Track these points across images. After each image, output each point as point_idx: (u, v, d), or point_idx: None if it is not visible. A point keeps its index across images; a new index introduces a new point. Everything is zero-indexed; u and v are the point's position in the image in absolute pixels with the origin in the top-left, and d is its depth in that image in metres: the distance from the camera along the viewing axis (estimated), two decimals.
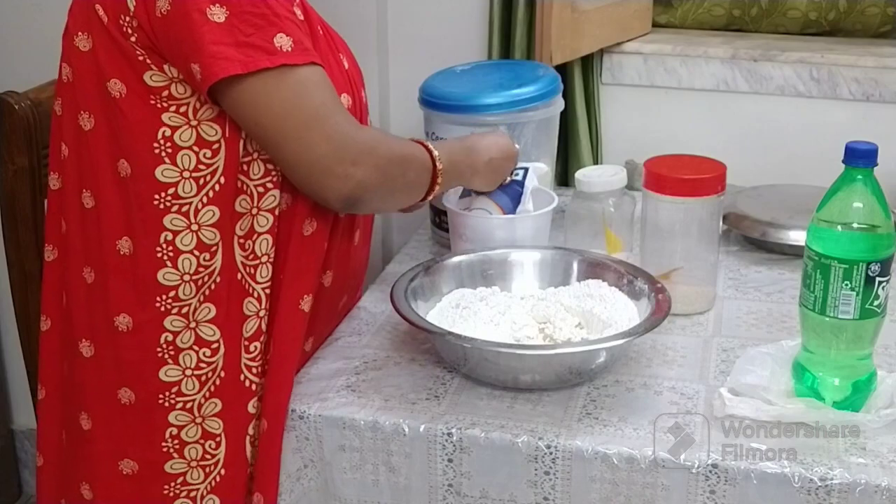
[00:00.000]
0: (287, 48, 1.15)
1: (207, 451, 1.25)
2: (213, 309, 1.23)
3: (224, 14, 1.12)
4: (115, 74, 1.18)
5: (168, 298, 1.21)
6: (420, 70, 1.71)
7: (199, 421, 1.24)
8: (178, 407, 1.24)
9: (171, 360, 1.23)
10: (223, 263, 1.22)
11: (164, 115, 1.18)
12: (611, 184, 1.46)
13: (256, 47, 1.13)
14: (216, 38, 1.12)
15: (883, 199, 1.10)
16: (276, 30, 1.15)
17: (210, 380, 1.24)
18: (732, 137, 1.86)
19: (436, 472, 1.17)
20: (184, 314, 1.22)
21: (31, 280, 1.42)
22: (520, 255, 1.41)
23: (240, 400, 1.25)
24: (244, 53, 1.13)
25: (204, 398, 1.24)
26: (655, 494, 1.12)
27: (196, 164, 1.19)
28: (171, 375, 1.23)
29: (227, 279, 1.23)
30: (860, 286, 1.10)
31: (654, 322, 1.22)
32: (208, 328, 1.23)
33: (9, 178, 1.38)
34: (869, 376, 1.15)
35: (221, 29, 1.12)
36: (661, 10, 2.01)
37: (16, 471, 2.36)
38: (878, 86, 1.81)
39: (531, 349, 1.24)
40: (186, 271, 1.21)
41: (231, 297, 1.23)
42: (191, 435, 1.24)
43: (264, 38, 1.14)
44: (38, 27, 2.01)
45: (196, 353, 1.23)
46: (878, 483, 1.06)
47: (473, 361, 1.23)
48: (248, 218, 1.22)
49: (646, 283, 1.31)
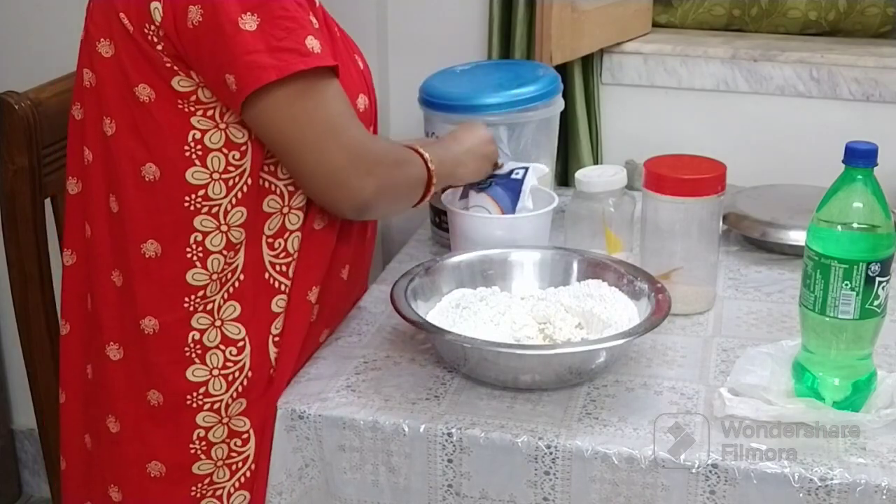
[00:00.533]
0: (318, 50, 1.16)
1: (234, 448, 1.26)
2: (237, 307, 1.24)
3: (256, 21, 1.12)
4: (143, 80, 1.18)
5: (196, 298, 1.23)
6: (420, 70, 1.71)
7: (225, 421, 1.25)
8: (206, 408, 1.24)
9: (198, 360, 1.24)
10: (246, 261, 1.24)
11: (193, 119, 1.18)
12: (611, 184, 1.46)
13: (290, 50, 1.14)
14: (250, 48, 1.13)
15: (883, 199, 1.10)
16: (305, 32, 1.16)
17: (237, 379, 1.25)
18: (732, 137, 1.86)
19: (436, 472, 1.17)
20: (209, 311, 1.23)
21: (31, 280, 1.42)
22: (520, 255, 1.41)
23: (265, 397, 1.26)
24: (278, 58, 1.13)
25: (231, 398, 1.25)
26: (655, 494, 1.12)
27: (225, 165, 1.20)
28: (198, 376, 1.24)
29: (251, 277, 1.24)
30: (860, 286, 1.10)
31: (654, 322, 1.22)
32: (234, 326, 1.24)
33: (9, 178, 1.37)
34: (869, 376, 1.15)
35: (254, 37, 1.12)
36: (661, 9, 2.01)
37: (16, 471, 2.36)
38: (878, 86, 1.81)
39: (531, 349, 1.24)
40: (215, 270, 1.23)
41: (258, 295, 1.25)
42: (217, 435, 1.25)
43: (296, 40, 1.14)
44: (38, 27, 2.01)
45: (223, 353, 1.24)
46: (878, 483, 1.06)
47: (473, 361, 1.23)
48: (277, 217, 1.25)
49: (646, 283, 1.31)
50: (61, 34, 1.89)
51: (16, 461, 2.36)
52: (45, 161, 1.39)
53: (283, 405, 1.23)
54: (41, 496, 2.33)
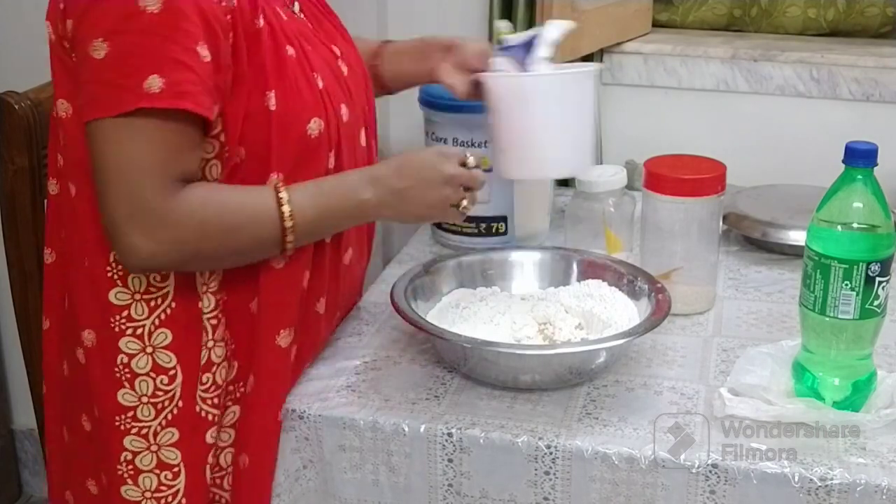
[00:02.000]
0: (157, 89, 1.07)
1: (163, 482, 1.22)
2: (168, 335, 1.19)
3: (104, 50, 1.08)
4: (62, 94, 1.17)
5: (122, 318, 1.19)
6: None
7: (154, 449, 1.21)
8: (133, 432, 1.21)
9: (127, 385, 1.20)
10: (177, 287, 1.19)
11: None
12: (611, 184, 1.46)
13: (124, 88, 1.08)
14: (91, 76, 1.09)
15: (883, 199, 1.10)
16: (150, 70, 1.07)
17: (166, 408, 1.21)
18: (732, 137, 1.86)
19: (436, 472, 1.17)
20: (139, 335, 1.19)
21: (31, 280, 1.42)
22: (520, 255, 1.41)
23: (196, 430, 1.22)
24: (109, 94, 1.08)
25: (160, 426, 1.21)
26: (655, 494, 1.12)
27: None
28: (127, 400, 1.20)
29: (182, 304, 1.19)
30: (860, 286, 1.10)
31: (654, 322, 1.22)
32: (165, 354, 1.20)
33: (9, 178, 1.37)
34: (869, 376, 1.15)
35: (99, 65, 1.08)
36: (661, 8, 2.01)
37: (16, 471, 2.36)
38: (878, 86, 1.81)
39: (531, 349, 1.24)
40: (137, 290, 1.18)
41: (189, 324, 1.20)
42: (145, 463, 1.21)
43: (136, 78, 1.07)
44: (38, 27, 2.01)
45: (153, 381, 1.20)
46: (878, 483, 1.06)
47: (473, 361, 1.23)
48: None
49: (646, 283, 1.31)
50: None
51: (16, 461, 2.36)
52: (45, 161, 1.38)
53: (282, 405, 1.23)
54: (41, 496, 2.33)
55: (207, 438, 1.22)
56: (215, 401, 1.22)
